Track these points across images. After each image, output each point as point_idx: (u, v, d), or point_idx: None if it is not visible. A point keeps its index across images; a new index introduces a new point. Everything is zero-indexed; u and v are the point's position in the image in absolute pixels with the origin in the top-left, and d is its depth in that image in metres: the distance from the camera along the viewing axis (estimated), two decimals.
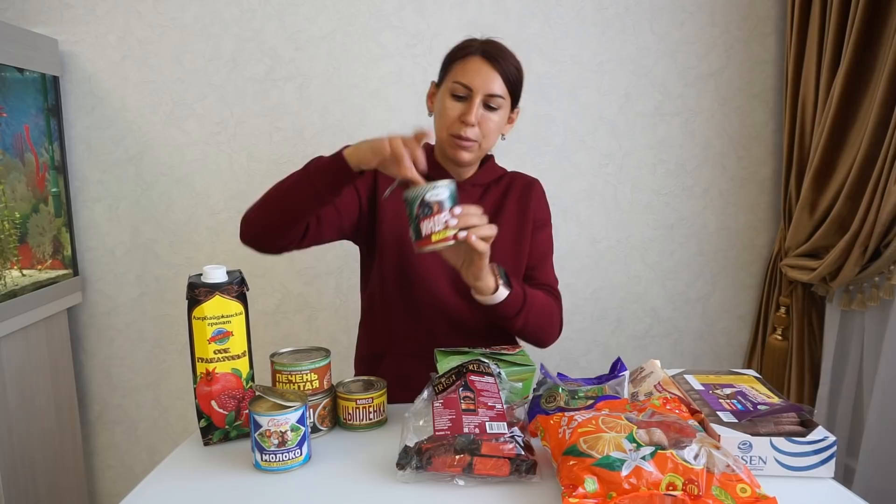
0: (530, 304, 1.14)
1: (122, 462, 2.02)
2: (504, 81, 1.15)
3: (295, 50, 1.84)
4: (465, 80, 1.14)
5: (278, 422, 0.87)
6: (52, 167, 1.81)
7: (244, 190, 1.90)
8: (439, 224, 0.97)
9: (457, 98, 1.15)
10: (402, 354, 1.25)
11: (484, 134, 1.16)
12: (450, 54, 1.20)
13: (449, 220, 0.98)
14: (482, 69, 1.14)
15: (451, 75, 1.17)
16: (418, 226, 0.98)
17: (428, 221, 0.97)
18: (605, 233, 1.94)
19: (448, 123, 1.16)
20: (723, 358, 2.01)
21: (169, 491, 0.86)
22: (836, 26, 1.60)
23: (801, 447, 0.82)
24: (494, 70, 1.14)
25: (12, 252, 1.67)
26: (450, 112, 1.15)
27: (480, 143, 1.17)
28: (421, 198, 0.97)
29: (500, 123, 1.19)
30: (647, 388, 0.99)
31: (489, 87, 1.14)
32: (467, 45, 1.18)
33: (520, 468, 0.82)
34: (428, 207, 0.97)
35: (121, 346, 1.96)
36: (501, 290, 1.09)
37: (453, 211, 0.98)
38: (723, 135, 1.91)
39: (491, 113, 1.16)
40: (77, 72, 1.85)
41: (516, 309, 1.12)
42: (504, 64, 1.15)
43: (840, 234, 1.64)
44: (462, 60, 1.16)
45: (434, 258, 1.17)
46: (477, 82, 1.13)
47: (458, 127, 1.15)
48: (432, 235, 0.98)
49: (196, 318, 0.95)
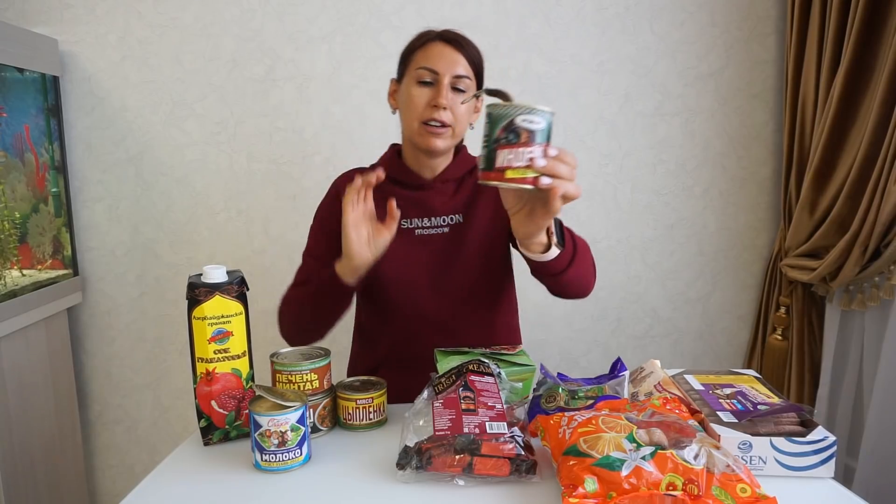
0: (579, 259, 1.04)
1: (122, 462, 2.02)
2: (468, 62, 1.13)
3: (295, 50, 1.84)
4: (429, 64, 1.11)
5: (278, 422, 0.87)
6: (52, 167, 1.81)
7: (244, 190, 1.90)
8: (522, 159, 0.79)
9: (423, 84, 1.12)
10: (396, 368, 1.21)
11: (456, 118, 1.13)
12: (408, 46, 1.18)
13: (536, 159, 0.80)
14: (445, 52, 1.12)
15: (413, 64, 1.14)
16: (493, 152, 0.79)
17: (508, 151, 0.79)
18: (605, 233, 1.94)
19: (418, 112, 1.12)
20: (723, 358, 2.01)
21: (169, 491, 0.86)
22: (836, 26, 1.60)
23: (801, 447, 0.82)
24: (457, 51, 1.13)
25: (12, 252, 1.67)
26: (418, 100, 1.12)
27: (454, 129, 1.13)
28: (510, 119, 0.78)
29: (468, 108, 1.16)
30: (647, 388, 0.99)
31: (455, 69, 1.11)
32: (425, 33, 1.17)
33: (520, 468, 0.82)
34: (514, 134, 0.78)
35: (121, 346, 1.96)
36: (553, 249, 0.98)
37: (546, 149, 0.81)
38: (723, 135, 1.91)
39: (459, 96, 1.13)
40: (77, 72, 1.85)
41: (563, 266, 1.01)
42: (466, 46, 1.14)
43: (840, 234, 1.63)
44: (423, 48, 1.14)
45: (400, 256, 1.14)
46: (442, 65, 1.11)
47: (429, 112, 1.11)
48: (507, 170, 0.79)
49: (196, 318, 0.95)
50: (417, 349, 1.17)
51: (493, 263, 1.23)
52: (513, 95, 0.85)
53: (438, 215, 1.20)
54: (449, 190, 1.22)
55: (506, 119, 0.78)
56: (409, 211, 1.19)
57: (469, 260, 1.20)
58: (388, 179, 1.19)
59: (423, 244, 1.20)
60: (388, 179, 1.19)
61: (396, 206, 1.05)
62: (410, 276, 1.19)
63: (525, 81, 1.87)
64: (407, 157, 1.22)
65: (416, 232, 1.20)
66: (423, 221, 1.20)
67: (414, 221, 1.20)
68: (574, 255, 1.03)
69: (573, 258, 1.02)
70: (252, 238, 1.93)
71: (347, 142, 1.89)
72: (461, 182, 1.23)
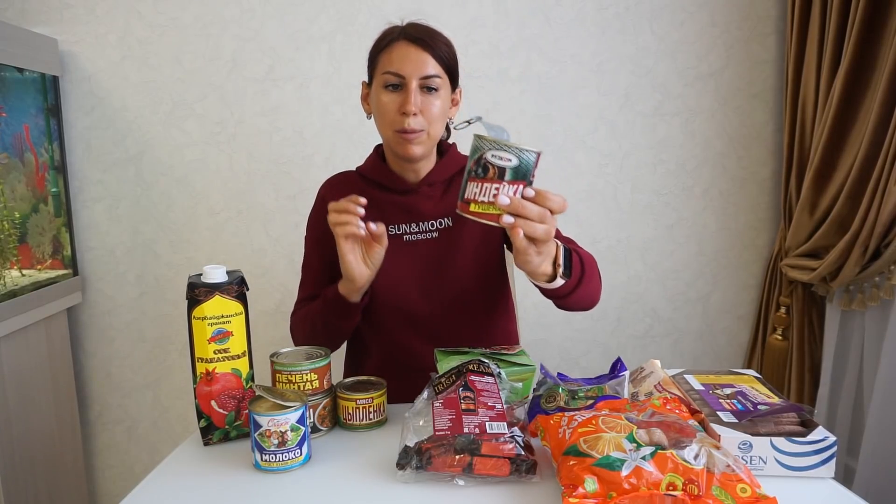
0: (585, 281, 1.01)
1: (122, 462, 2.02)
2: (437, 60, 1.07)
3: (295, 50, 1.84)
4: (394, 68, 1.06)
5: (278, 422, 0.87)
6: (52, 167, 1.81)
7: (244, 190, 1.90)
8: (486, 194, 0.80)
9: (391, 89, 1.07)
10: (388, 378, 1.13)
11: (429, 121, 1.07)
12: (373, 47, 1.12)
13: (500, 196, 0.80)
14: (410, 52, 1.06)
15: (379, 68, 1.09)
16: (465, 183, 0.82)
17: (475, 184, 0.80)
18: (605, 233, 1.94)
19: (389, 120, 1.07)
20: (723, 358, 2.01)
21: (169, 491, 0.86)
22: (836, 26, 1.60)
23: (801, 447, 0.82)
24: (423, 51, 1.06)
25: (12, 252, 1.66)
26: (388, 106, 1.07)
27: (428, 132, 1.08)
28: (481, 153, 0.80)
29: (443, 107, 1.09)
30: (647, 388, 0.99)
31: (421, 70, 1.05)
32: (388, 32, 1.11)
33: (520, 468, 0.82)
34: (483, 168, 0.80)
35: (121, 346, 1.96)
36: (557, 280, 0.95)
37: (518, 187, 0.81)
38: (723, 135, 1.91)
39: (430, 96, 1.07)
40: (77, 72, 1.85)
41: (568, 290, 0.99)
42: (432, 42, 1.07)
43: (840, 234, 1.63)
44: (387, 49, 1.08)
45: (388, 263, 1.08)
46: (407, 67, 1.05)
47: (400, 120, 1.06)
48: (472, 203, 0.81)
49: (196, 318, 0.95)
50: (408, 358, 1.16)
51: (487, 269, 1.19)
52: (506, 130, 0.84)
53: (426, 220, 1.16)
54: (436, 193, 1.18)
55: (478, 153, 0.80)
56: (395, 216, 1.16)
57: (460, 266, 1.16)
58: (372, 184, 1.19)
59: (412, 250, 1.16)
60: (372, 184, 1.19)
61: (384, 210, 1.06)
62: (399, 284, 1.16)
63: (525, 81, 1.87)
64: (389, 161, 1.19)
65: (404, 238, 1.17)
66: (410, 227, 1.16)
67: (402, 227, 1.16)
68: (581, 280, 1.00)
69: (580, 282, 1.00)
70: (252, 238, 1.93)
71: (347, 142, 1.89)
72: (449, 184, 1.19)
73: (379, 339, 1.21)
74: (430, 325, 1.18)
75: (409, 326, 1.18)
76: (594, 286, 1.07)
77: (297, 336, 1.20)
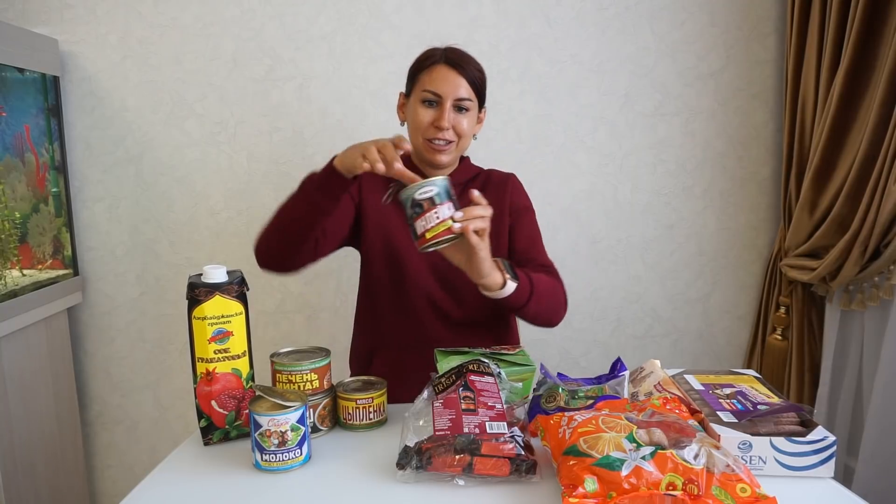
0: (538, 292, 1.13)
1: (122, 462, 2.02)
2: (469, 85, 1.22)
3: (295, 50, 1.84)
4: (433, 87, 1.21)
5: (278, 422, 0.87)
6: (53, 167, 1.81)
7: (244, 190, 1.90)
8: (431, 221, 0.95)
9: (428, 104, 1.22)
10: (395, 348, 1.30)
11: (459, 135, 1.23)
12: (414, 65, 1.27)
13: (441, 215, 0.96)
14: (448, 76, 1.21)
15: (419, 85, 1.23)
16: (413, 226, 0.97)
17: (421, 220, 0.96)
18: (605, 233, 1.94)
19: (423, 130, 1.22)
20: (723, 358, 2.01)
21: (169, 491, 0.86)
22: (836, 26, 1.60)
23: (801, 447, 0.82)
24: (460, 76, 1.21)
25: (12, 252, 1.67)
26: (423, 119, 1.22)
27: (457, 143, 1.24)
28: (411, 198, 0.96)
29: (470, 124, 1.25)
30: (647, 388, 0.99)
31: (457, 93, 1.21)
32: (430, 54, 1.25)
33: (520, 468, 0.82)
34: (419, 206, 0.96)
35: (121, 346, 1.96)
36: (509, 283, 1.08)
37: (444, 205, 0.96)
38: (723, 135, 1.91)
39: (461, 115, 1.23)
40: (77, 72, 1.85)
41: (525, 299, 1.11)
42: (468, 69, 1.22)
43: (840, 233, 1.63)
44: (428, 70, 1.22)
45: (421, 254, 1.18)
46: (445, 89, 1.20)
47: (433, 132, 1.21)
48: (426, 233, 0.96)
49: (196, 318, 0.95)
50: (419, 333, 1.27)
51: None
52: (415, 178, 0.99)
53: None
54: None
55: (409, 199, 0.96)
56: None
57: None
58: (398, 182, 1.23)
59: None
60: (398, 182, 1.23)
61: None
62: (421, 273, 1.27)
63: (525, 81, 1.87)
64: (415, 161, 1.31)
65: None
66: None
67: None
68: (532, 293, 1.12)
69: (531, 296, 1.12)
70: (252, 238, 1.92)
71: (347, 142, 1.87)
72: (465, 187, 1.29)
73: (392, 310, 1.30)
74: (443, 306, 1.28)
75: (427, 307, 1.28)
76: (549, 304, 1.19)
77: (261, 233, 1.19)
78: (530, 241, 1.31)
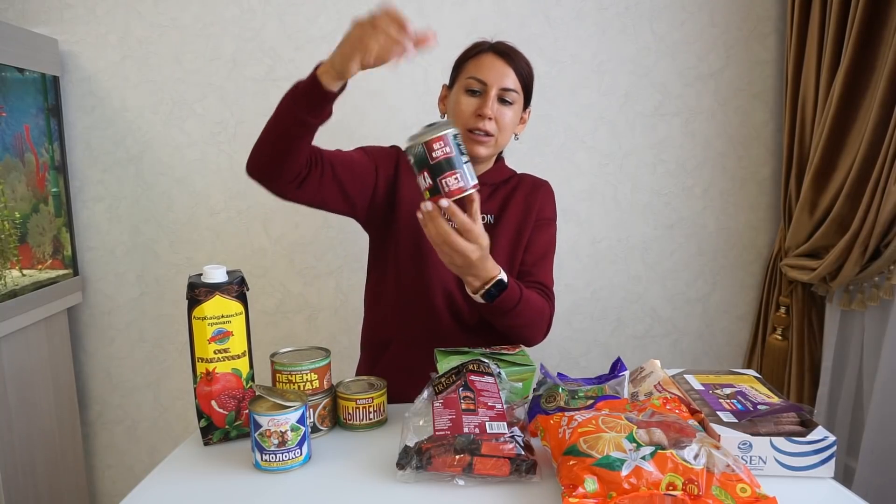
0: (522, 306, 1.11)
1: (122, 462, 2.02)
2: (517, 76, 1.19)
3: (295, 50, 1.84)
4: (479, 74, 1.17)
5: (278, 422, 0.87)
6: (53, 167, 1.81)
7: (244, 190, 1.90)
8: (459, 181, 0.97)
9: (472, 93, 1.18)
10: (410, 340, 1.25)
11: (500, 128, 1.19)
12: (462, 55, 1.23)
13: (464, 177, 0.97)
14: (496, 64, 1.18)
15: (464, 73, 1.20)
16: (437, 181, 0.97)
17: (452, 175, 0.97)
18: (605, 233, 1.94)
19: (465, 119, 1.18)
20: (723, 358, 2.01)
21: (169, 491, 0.86)
22: (836, 26, 1.60)
23: (801, 447, 0.82)
24: (507, 65, 1.18)
25: (12, 252, 1.67)
26: (465, 108, 1.18)
27: (497, 138, 1.19)
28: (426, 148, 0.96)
29: (514, 119, 1.21)
30: (647, 388, 0.99)
31: (503, 82, 1.17)
32: (479, 44, 1.22)
33: (520, 468, 0.82)
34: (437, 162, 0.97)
35: (121, 346, 1.96)
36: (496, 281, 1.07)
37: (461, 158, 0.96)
38: (723, 135, 1.91)
39: (505, 108, 1.19)
40: (77, 72, 1.85)
41: (505, 309, 1.10)
42: (517, 60, 1.19)
43: (840, 233, 1.64)
44: (475, 58, 1.19)
45: None
46: (491, 77, 1.17)
47: (474, 121, 1.17)
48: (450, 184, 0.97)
49: (196, 317, 0.95)
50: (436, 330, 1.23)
51: (512, 264, 1.26)
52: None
53: None
54: (485, 192, 1.25)
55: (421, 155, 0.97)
56: None
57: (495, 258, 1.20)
58: None
59: None
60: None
61: None
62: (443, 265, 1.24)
63: None
64: None
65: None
66: None
67: None
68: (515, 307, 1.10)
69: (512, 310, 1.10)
70: (252, 238, 1.93)
71: (347, 142, 1.88)
72: (497, 188, 1.29)
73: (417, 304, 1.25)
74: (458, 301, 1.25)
75: (445, 300, 1.25)
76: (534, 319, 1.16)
77: (252, 151, 1.15)
78: (541, 255, 1.28)
